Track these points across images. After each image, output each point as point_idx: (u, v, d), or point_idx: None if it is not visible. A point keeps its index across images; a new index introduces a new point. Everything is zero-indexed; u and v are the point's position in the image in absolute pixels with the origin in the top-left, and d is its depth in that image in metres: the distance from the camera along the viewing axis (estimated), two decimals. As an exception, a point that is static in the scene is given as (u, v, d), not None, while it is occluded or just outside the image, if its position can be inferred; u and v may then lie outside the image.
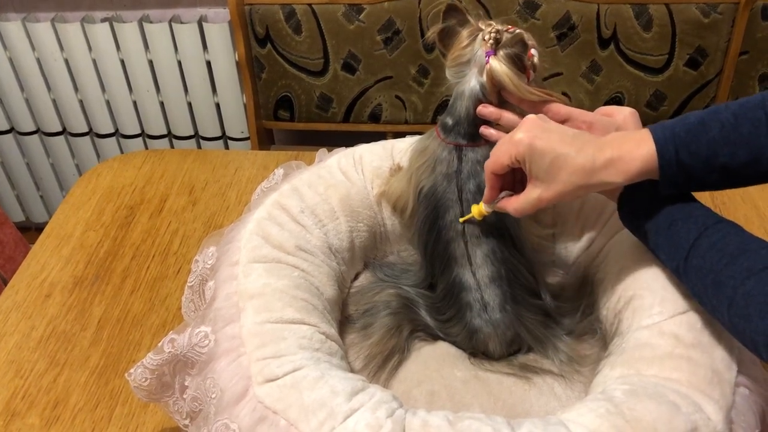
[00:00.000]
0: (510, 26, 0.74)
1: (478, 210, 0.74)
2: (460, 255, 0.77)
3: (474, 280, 0.76)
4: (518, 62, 0.73)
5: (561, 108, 0.73)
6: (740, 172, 0.61)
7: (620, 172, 0.62)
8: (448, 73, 0.77)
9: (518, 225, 0.78)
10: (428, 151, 0.78)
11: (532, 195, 0.67)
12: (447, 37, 0.76)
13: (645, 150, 0.61)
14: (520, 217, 0.71)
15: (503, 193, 0.72)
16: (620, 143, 0.63)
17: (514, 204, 0.69)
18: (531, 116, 0.68)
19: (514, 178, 0.72)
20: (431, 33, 0.76)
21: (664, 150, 0.61)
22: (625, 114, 0.73)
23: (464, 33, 0.74)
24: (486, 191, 0.72)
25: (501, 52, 0.72)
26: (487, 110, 0.74)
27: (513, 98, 0.74)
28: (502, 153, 0.68)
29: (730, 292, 0.56)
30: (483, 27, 0.74)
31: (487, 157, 0.76)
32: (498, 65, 0.72)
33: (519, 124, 0.68)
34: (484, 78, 0.73)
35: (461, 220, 0.76)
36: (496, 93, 0.74)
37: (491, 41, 0.72)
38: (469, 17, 0.75)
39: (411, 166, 0.81)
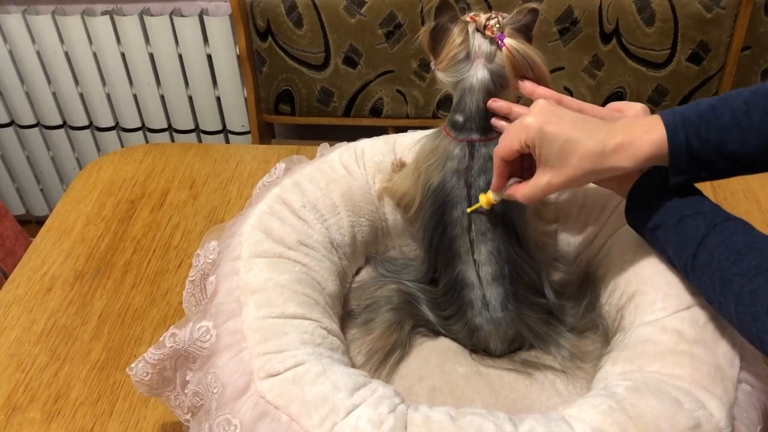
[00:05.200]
0: (493, 12, 0.73)
1: (486, 199, 0.73)
2: (464, 252, 0.76)
3: (477, 277, 0.76)
4: (528, 34, 0.73)
5: (573, 102, 0.73)
6: (750, 160, 0.61)
7: (630, 157, 0.62)
8: (444, 76, 0.76)
9: (524, 222, 0.78)
10: (439, 149, 0.78)
11: (541, 180, 0.66)
12: (438, 35, 0.75)
13: (655, 135, 0.61)
14: (529, 204, 0.70)
15: (511, 180, 0.71)
16: (631, 128, 0.63)
17: (522, 191, 0.69)
18: (541, 101, 0.67)
19: (522, 165, 0.71)
20: (423, 32, 0.75)
21: (674, 135, 0.60)
22: (636, 110, 0.73)
23: (456, 30, 0.74)
24: (494, 178, 0.71)
25: (508, 31, 0.72)
26: (497, 104, 0.74)
27: (533, 74, 0.73)
28: (512, 138, 0.67)
29: (737, 290, 0.55)
30: (470, 20, 0.73)
31: (495, 149, 0.76)
32: (516, 43, 0.71)
33: (529, 109, 0.67)
34: (494, 65, 0.73)
35: (469, 210, 0.76)
36: (515, 77, 0.73)
37: (497, 26, 0.72)
38: (459, 14, 0.74)
39: (419, 165, 0.80)
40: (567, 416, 0.59)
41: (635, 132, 0.62)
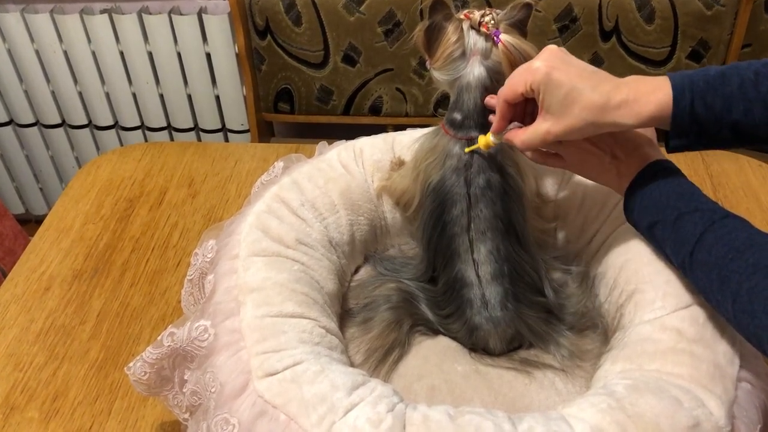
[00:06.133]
0: (487, 9, 0.73)
1: (485, 141, 0.73)
2: (463, 251, 0.76)
3: (476, 276, 0.76)
4: (522, 29, 0.73)
5: None
6: (751, 132, 0.60)
7: (633, 114, 0.61)
8: (440, 74, 0.75)
9: (524, 220, 0.77)
10: (438, 148, 0.77)
11: (541, 127, 0.66)
12: (433, 34, 0.75)
13: (661, 95, 0.60)
14: (525, 150, 0.69)
15: (512, 125, 0.71)
16: (637, 85, 0.62)
17: (521, 136, 0.68)
18: (551, 46, 0.66)
19: (526, 111, 0.71)
20: (417, 32, 0.75)
21: (680, 97, 0.60)
22: None
23: (450, 28, 0.73)
24: (495, 121, 0.71)
25: (503, 27, 0.72)
26: (495, 101, 0.74)
27: None
28: (518, 80, 0.66)
29: (734, 287, 0.55)
30: (464, 17, 0.73)
31: (497, 148, 0.75)
32: (512, 39, 0.71)
33: (539, 53, 0.66)
34: (490, 61, 0.73)
35: (467, 150, 0.75)
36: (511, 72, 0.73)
37: (492, 22, 0.71)
38: (453, 11, 0.74)
39: (418, 164, 0.80)
40: (566, 415, 0.59)
41: (641, 89, 0.61)
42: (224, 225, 0.81)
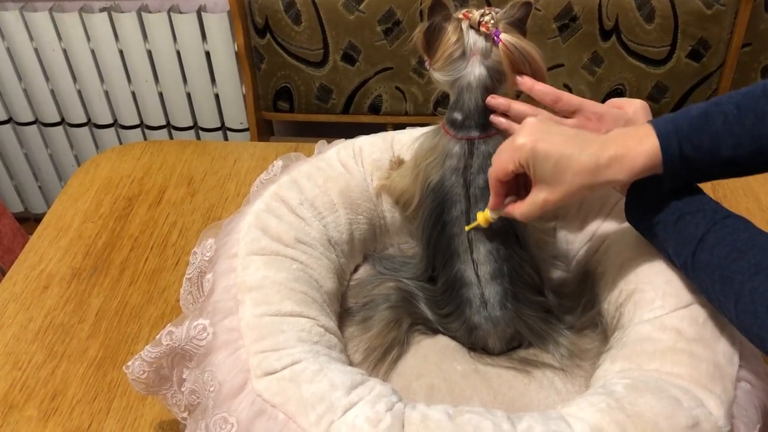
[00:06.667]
0: (487, 8, 0.73)
1: (484, 217, 0.73)
2: (462, 251, 0.76)
3: (475, 276, 0.76)
4: (522, 28, 0.73)
5: (573, 99, 0.73)
6: (744, 164, 0.61)
7: (624, 169, 0.62)
8: (440, 75, 0.75)
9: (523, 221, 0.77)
10: (438, 147, 0.77)
11: (537, 198, 0.66)
12: (433, 34, 0.74)
13: (648, 145, 0.61)
14: (527, 221, 0.70)
15: (508, 199, 0.72)
16: (623, 140, 0.62)
17: (520, 208, 0.69)
18: (530, 119, 0.67)
19: (518, 182, 0.71)
20: (417, 33, 0.75)
21: (667, 144, 0.60)
22: (636, 106, 0.73)
23: (450, 28, 0.73)
24: (491, 198, 0.71)
25: (502, 26, 0.72)
26: (496, 101, 0.74)
27: (530, 69, 0.73)
28: (506, 159, 0.67)
29: (737, 288, 0.55)
30: (463, 17, 0.73)
31: (494, 145, 0.75)
32: (512, 38, 0.71)
33: (518, 129, 0.67)
34: (491, 61, 0.73)
35: (467, 228, 0.75)
36: (512, 72, 0.73)
37: (491, 22, 0.71)
38: (452, 12, 0.74)
39: (418, 164, 0.80)
40: (565, 415, 0.59)
41: (628, 143, 0.62)
42: (223, 224, 0.81)
